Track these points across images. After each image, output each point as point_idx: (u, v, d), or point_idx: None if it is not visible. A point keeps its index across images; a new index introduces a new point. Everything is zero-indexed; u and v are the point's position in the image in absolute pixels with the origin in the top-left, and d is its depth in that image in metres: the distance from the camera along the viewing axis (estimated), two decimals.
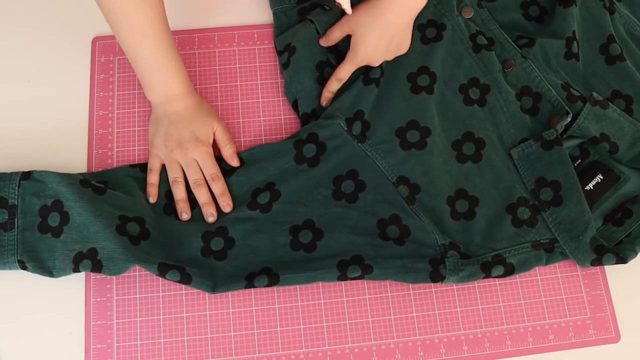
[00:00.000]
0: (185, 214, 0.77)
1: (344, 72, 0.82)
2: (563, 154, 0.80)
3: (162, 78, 0.77)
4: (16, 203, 0.75)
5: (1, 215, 0.75)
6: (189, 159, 0.78)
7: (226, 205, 0.78)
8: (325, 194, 0.79)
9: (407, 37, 0.83)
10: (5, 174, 0.76)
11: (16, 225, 0.74)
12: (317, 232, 0.78)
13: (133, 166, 0.80)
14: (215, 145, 0.80)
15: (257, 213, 0.78)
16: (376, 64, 0.83)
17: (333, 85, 0.83)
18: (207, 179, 0.78)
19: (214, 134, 0.80)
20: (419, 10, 0.80)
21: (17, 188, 0.75)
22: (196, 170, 0.78)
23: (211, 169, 0.78)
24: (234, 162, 0.80)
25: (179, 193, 0.78)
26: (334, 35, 0.83)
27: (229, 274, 0.75)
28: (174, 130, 0.78)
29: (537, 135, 0.81)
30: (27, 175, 0.76)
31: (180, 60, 0.78)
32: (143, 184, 0.79)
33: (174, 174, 0.78)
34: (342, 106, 0.82)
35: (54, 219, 0.75)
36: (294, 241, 0.77)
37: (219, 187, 0.78)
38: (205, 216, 0.77)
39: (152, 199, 0.78)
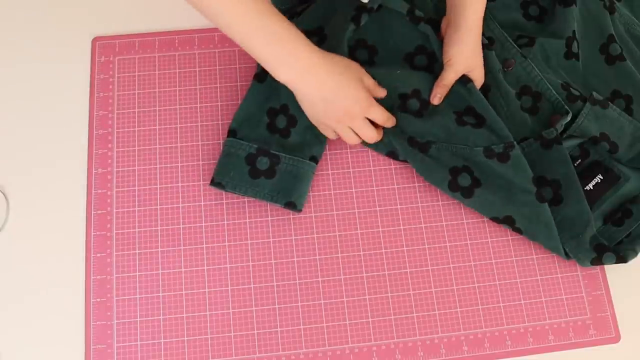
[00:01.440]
0: None
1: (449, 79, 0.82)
2: (563, 153, 0.80)
3: (280, 47, 0.71)
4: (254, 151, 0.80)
5: (262, 162, 0.80)
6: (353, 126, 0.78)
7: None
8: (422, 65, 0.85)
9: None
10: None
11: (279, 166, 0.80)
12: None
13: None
14: None
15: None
16: (480, 69, 0.83)
17: (442, 90, 0.82)
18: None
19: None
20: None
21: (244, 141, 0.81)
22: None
23: (372, 133, 0.79)
24: (381, 94, 0.81)
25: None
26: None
27: None
28: (331, 109, 0.76)
29: (537, 134, 0.81)
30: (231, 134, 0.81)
31: (288, 22, 0.71)
32: None
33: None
34: None
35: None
36: (401, 105, 0.83)
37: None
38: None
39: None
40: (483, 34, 0.86)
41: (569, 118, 0.81)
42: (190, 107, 0.85)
